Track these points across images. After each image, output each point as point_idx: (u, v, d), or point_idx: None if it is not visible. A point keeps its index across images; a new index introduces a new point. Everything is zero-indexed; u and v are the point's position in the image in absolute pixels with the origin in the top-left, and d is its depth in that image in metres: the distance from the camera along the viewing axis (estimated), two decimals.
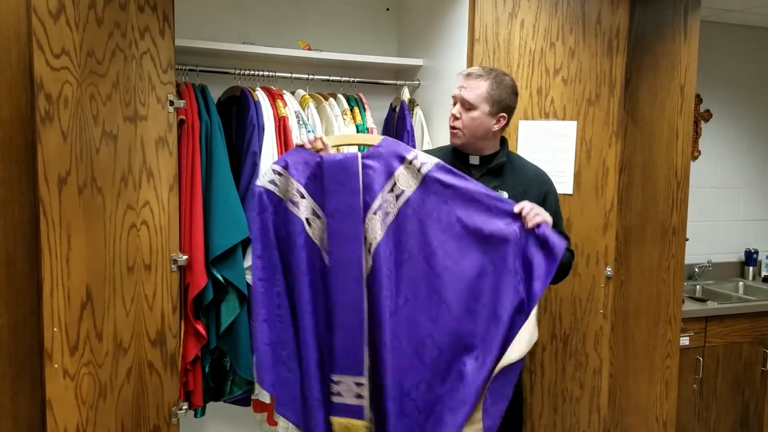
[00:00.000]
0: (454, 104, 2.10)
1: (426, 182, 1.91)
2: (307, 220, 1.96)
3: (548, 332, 2.73)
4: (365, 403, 1.93)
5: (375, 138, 1.99)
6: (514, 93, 2.11)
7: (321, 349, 1.97)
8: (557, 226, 2.07)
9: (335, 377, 1.94)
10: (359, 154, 1.94)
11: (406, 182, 1.92)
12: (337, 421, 1.94)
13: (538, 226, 1.87)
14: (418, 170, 1.91)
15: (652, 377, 2.82)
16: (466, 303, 1.90)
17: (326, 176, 1.93)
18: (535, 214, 1.87)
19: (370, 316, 1.93)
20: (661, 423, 2.83)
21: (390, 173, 1.93)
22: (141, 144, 2.08)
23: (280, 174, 1.96)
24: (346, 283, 1.92)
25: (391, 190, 1.93)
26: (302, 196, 1.95)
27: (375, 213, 1.93)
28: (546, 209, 1.99)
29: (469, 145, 2.12)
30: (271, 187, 1.96)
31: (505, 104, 2.07)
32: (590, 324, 2.73)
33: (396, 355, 1.91)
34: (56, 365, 1.94)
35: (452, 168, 1.93)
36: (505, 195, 2.05)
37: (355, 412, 1.93)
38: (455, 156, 2.17)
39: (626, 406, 2.90)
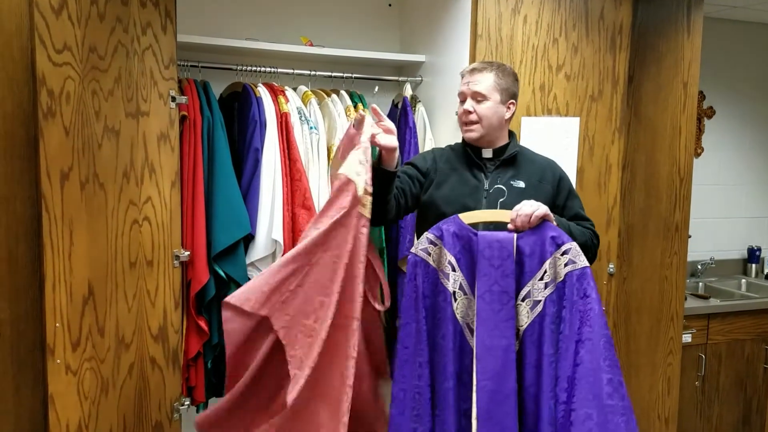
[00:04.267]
0: (463, 101, 2.11)
1: (568, 279, 1.85)
2: (454, 293, 1.93)
3: None
4: None
5: (506, 214, 1.95)
6: (516, 79, 2.17)
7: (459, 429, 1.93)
8: (576, 206, 2.17)
9: None
10: (515, 235, 1.91)
11: (553, 273, 1.88)
12: None
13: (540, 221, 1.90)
14: (566, 264, 1.85)
15: (654, 374, 2.83)
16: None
17: (479, 255, 1.89)
18: (524, 213, 1.90)
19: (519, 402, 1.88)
20: (663, 420, 2.83)
21: (543, 260, 1.89)
22: (143, 140, 2.08)
23: (434, 244, 1.94)
24: (496, 370, 1.85)
25: (541, 278, 1.89)
26: (453, 269, 1.93)
27: (523, 300, 1.90)
28: (562, 191, 2.14)
29: (484, 137, 2.12)
30: (424, 255, 1.94)
31: (511, 91, 2.13)
32: None
33: None
34: (58, 361, 1.94)
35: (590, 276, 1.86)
36: (521, 185, 2.07)
37: None
38: (468, 152, 2.17)
39: None
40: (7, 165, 1.95)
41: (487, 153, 2.15)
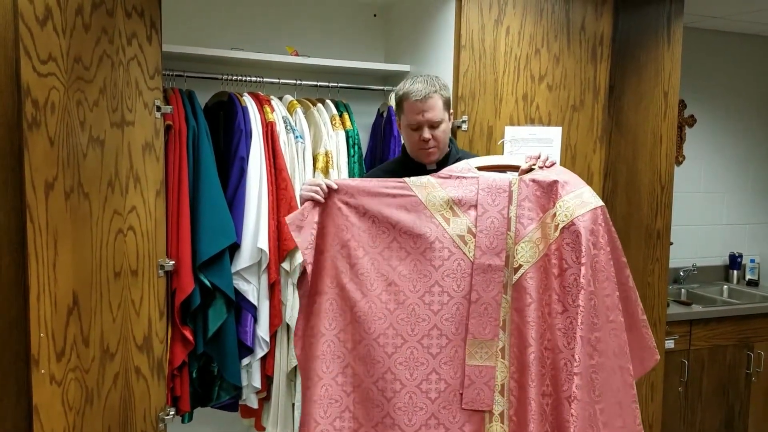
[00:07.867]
0: (417, 128, 2.06)
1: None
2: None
3: None
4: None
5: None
6: (447, 86, 2.18)
7: None
8: None
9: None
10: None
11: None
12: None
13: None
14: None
15: (637, 380, 2.85)
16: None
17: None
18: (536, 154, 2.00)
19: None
20: (647, 426, 2.86)
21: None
22: (128, 149, 2.08)
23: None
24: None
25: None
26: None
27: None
28: None
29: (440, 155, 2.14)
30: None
31: (450, 102, 2.15)
32: None
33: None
34: (43, 371, 1.94)
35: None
36: None
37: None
38: (410, 167, 2.15)
39: None
40: None
41: (432, 166, 2.14)
